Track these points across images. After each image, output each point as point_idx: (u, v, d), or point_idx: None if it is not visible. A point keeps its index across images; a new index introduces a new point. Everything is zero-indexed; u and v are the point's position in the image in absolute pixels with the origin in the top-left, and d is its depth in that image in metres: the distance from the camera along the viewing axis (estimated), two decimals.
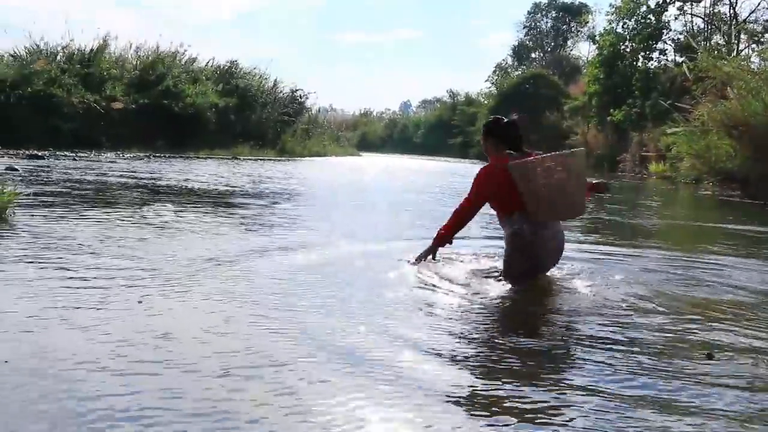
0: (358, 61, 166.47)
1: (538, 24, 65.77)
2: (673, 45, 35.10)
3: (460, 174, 21.38)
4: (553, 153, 4.32)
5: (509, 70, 65.24)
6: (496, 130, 4.42)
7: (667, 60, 34.98)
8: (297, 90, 35.17)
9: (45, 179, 10.24)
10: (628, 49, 35.95)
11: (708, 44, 30.81)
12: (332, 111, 72.26)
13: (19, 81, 20.35)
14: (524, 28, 66.13)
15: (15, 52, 22.69)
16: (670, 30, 35.29)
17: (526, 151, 4.40)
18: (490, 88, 63.87)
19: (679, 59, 32.47)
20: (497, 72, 66.34)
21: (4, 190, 5.71)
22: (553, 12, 64.09)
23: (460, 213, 4.39)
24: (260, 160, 24.84)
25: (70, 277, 3.79)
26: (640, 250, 6.37)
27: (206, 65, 30.50)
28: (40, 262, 4.12)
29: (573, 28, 63.79)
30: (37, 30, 38.56)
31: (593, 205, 12.37)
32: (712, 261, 5.75)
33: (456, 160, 45.85)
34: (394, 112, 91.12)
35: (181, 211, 7.30)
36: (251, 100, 30.48)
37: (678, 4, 34.30)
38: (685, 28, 34.82)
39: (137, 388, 2.26)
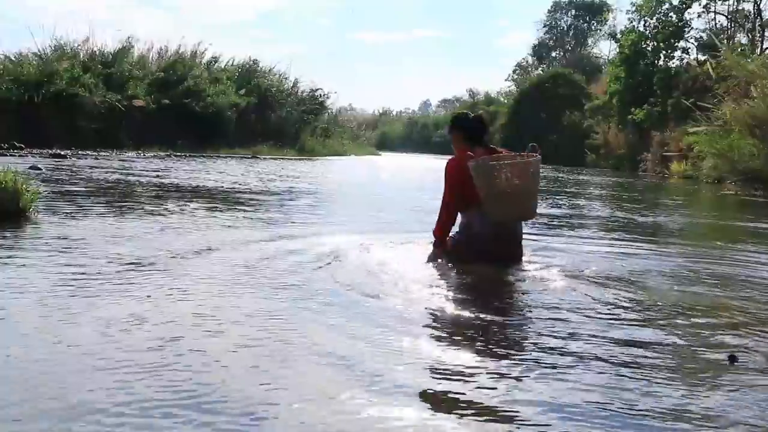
0: (376, 60, 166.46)
1: (558, 22, 65.40)
2: (695, 43, 34.79)
3: None
4: (513, 157, 4.55)
5: (530, 69, 64.97)
6: (462, 123, 4.65)
7: (689, 58, 34.66)
8: (317, 89, 35.37)
9: (66, 178, 10.39)
10: (649, 48, 35.67)
11: (731, 42, 30.47)
12: (352, 110, 72.33)
13: (43, 81, 20.63)
14: (544, 26, 65.79)
15: (39, 52, 23.00)
16: (692, 28, 34.98)
17: (491, 147, 4.64)
18: (510, 87, 63.67)
19: (701, 57, 32.17)
20: (517, 71, 66.10)
21: (27, 189, 5.81)
22: (573, 10, 63.68)
23: (443, 213, 4.60)
24: (279, 159, 24.96)
25: (83, 273, 3.85)
26: (655, 246, 6.32)
27: (227, 65, 30.76)
28: (57, 258, 4.20)
29: (593, 27, 63.37)
30: (60, 30, 39.01)
31: (614, 204, 12.30)
32: (725, 256, 5.69)
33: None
34: (414, 112, 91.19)
35: (190, 208, 7.39)
36: (271, 100, 30.69)
37: (703, 1, 33.98)
38: (708, 26, 34.50)
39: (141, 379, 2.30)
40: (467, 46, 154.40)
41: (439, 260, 4.57)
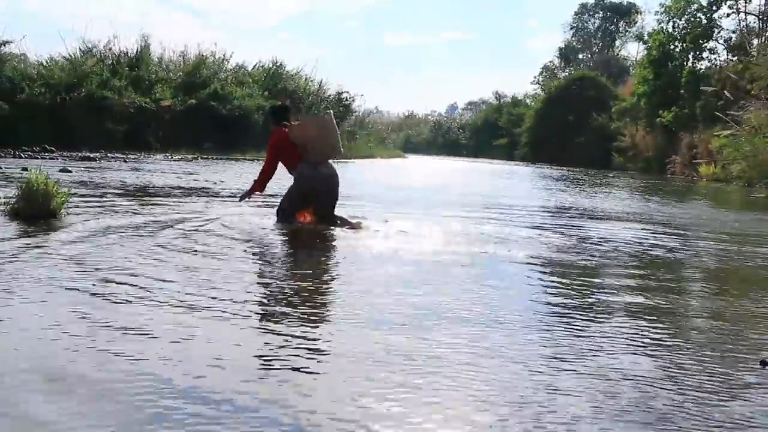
0: (403, 63, 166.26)
1: (585, 24, 64.96)
2: (724, 44, 34.29)
3: (504, 175, 21.00)
4: (310, 116, 7.39)
5: (556, 71, 64.60)
6: (272, 111, 7.13)
7: (718, 59, 34.21)
8: (343, 92, 35.46)
9: (95, 181, 10.58)
10: (677, 49, 35.28)
11: (762, 42, 30.04)
12: (377, 113, 72.29)
13: (74, 84, 20.98)
14: (571, 28, 65.39)
15: (69, 56, 23.38)
16: (722, 28, 34.50)
17: (293, 122, 6.68)
18: (536, 89, 63.43)
19: (732, 58, 31.76)
20: (544, 73, 65.78)
21: (58, 192, 5.94)
22: (601, 12, 63.24)
23: (263, 172, 6.57)
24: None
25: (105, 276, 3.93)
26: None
27: (253, 68, 31.00)
28: (83, 260, 4.30)
29: (621, 28, 62.86)
30: (90, 35, 39.62)
31: (631, 202, 12.21)
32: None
33: (501, 162, 45.60)
34: (440, 114, 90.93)
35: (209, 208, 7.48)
36: (297, 102, 30.85)
37: (729, 2, 33.51)
38: (738, 26, 34.00)
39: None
40: (495, 48, 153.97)
41: (248, 197, 6.83)
